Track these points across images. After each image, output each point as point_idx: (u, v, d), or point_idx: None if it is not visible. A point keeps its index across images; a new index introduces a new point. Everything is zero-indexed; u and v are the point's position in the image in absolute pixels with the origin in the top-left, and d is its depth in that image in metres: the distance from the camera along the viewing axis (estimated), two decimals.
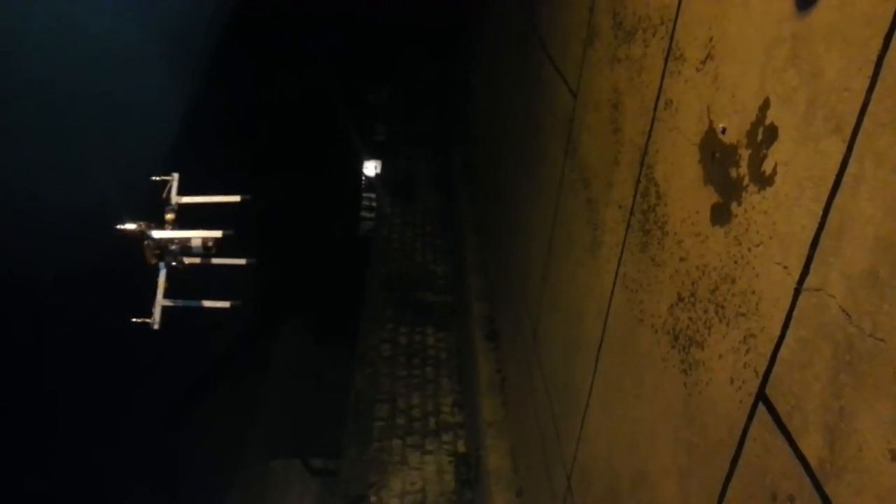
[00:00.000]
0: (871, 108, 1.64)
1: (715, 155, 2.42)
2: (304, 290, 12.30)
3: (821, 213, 1.80)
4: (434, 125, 13.72)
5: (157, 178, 4.60)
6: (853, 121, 1.69)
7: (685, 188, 2.66)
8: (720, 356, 2.31)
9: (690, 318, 2.55)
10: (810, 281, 1.83)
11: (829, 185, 1.77)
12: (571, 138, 4.48)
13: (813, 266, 1.83)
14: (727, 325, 2.27)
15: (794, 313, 1.90)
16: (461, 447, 7.78)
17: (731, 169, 2.29)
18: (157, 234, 4.22)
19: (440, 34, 14.10)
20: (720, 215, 2.36)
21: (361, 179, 16.41)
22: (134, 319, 4.40)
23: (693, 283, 2.55)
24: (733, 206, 2.26)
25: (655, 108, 3.02)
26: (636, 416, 3.11)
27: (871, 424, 1.57)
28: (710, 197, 2.45)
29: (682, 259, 2.66)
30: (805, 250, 1.86)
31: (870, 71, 1.64)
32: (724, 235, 2.33)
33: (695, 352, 2.51)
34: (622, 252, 3.40)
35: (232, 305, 4.79)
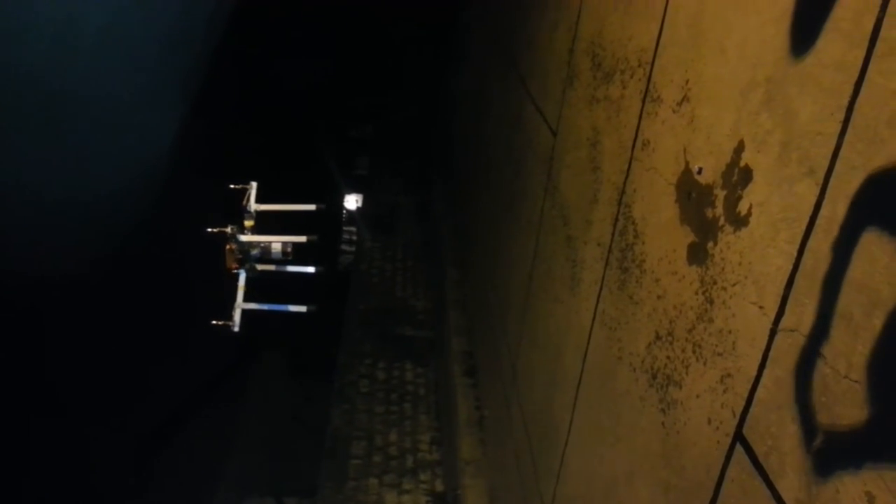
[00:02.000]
0: (843, 151, 1.67)
1: (691, 195, 2.45)
2: (281, 325, 12.16)
3: (795, 254, 1.82)
4: (416, 160, 13.81)
5: (236, 186, 4.59)
6: (826, 164, 1.72)
7: (662, 227, 2.69)
8: (698, 396, 2.31)
9: (668, 357, 2.55)
10: (786, 321, 1.84)
11: (804, 226, 1.79)
12: (551, 175, 4.52)
13: (788, 306, 1.84)
14: (704, 364, 2.27)
15: (771, 353, 1.91)
16: (439, 486, 7.65)
17: (706, 209, 2.31)
18: (243, 238, 4.20)
19: (424, 69, 14.31)
20: (696, 254, 2.38)
21: (342, 213, 16.41)
22: (214, 322, 4.35)
23: (671, 322, 2.55)
24: (709, 245, 2.28)
25: (633, 148, 3.06)
26: (615, 455, 3.09)
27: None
28: (686, 236, 2.47)
29: (659, 297, 2.67)
30: (780, 290, 1.87)
31: (841, 116, 1.67)
32: (700, 274, 2.34)
33: (673, 391, 2.50)
34: (601, 289, 3.41)
35: (308, 310, 4.79)
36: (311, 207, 4.66)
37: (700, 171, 2.38)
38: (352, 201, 15.82)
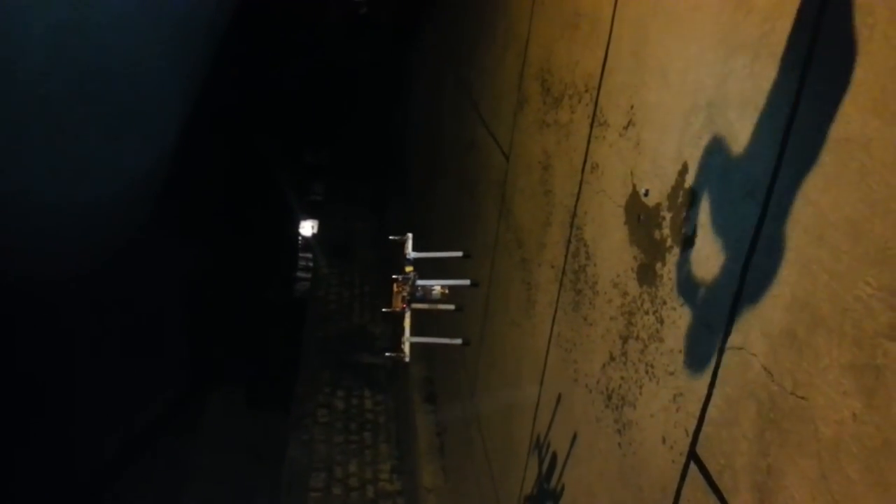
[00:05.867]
0: (781, 172, 1.71)
1: (640, 217, 2.48)
2: (237, 354, 11.92)
3: (740, 272, 1.85)
4: (372, 185, 13.79)
5: (396, 238, 4.85)
6: (766, 185, 1.76)
7: (613, 249, 2.72)
8: (652, 415, 2.32)
9: (622, 378, 2.57)
10: (733, 340, 1.87)
11: (747, 246, 1.83)
12: (505, 199, 4.56)
13: (735, 325, 1.87)
14: (657, 384, 2.29)
15: (720, 372, 1.93)
16: None
17: (654, 230, 2.35)
18: (420, 282, 4.44)
19: (377, 93, 14.35)
20: (646, 275, 2.41)
21: (298, 239, 16.24)
22: (388, 354, 4.58)
23: (624, 342, 2.57)
24: (658, 266, 2.32)
25: (583, 171, 3.11)
26: (573, 477, 3.08)
27: (798, 481, 1.59)
28: (636, 257, 2.50)
29: (612, 318, 2.70)
30: (726, 310, 1.90)
31: (779, 137, 1.72)
32: (651, 295, 2.37)
33: (628, 411, 2.51)
34: (556, 311, 3.42)
35: (463, 342, 5.05)
36: (459, 254, 5.05)
37: (647, 194, 2.43)
38: (307, 227, 15.69)
